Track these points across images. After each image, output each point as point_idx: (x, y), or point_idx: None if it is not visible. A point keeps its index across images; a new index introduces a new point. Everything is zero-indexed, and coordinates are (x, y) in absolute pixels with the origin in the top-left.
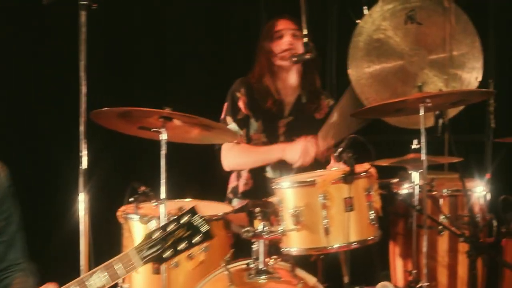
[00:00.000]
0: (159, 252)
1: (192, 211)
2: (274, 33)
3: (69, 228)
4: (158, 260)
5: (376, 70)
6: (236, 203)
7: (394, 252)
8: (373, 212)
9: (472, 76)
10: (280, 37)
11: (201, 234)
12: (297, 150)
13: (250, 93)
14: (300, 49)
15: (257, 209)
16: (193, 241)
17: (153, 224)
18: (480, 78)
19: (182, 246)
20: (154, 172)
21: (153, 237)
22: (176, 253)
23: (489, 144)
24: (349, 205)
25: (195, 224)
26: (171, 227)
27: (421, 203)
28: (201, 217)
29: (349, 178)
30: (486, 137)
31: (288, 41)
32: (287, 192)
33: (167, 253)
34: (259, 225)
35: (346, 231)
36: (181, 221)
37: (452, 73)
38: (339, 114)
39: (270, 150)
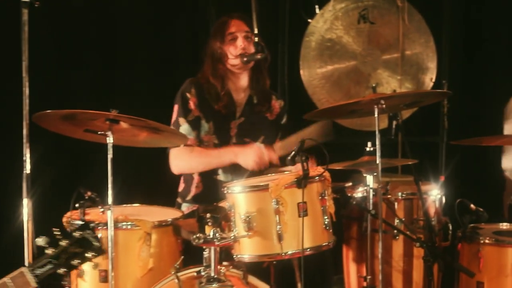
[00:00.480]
0: (52, 269)
1: (84, 226)
2: (226, 35)
3: (12, 235)
4: (52, 277)
5: (329, 70)
6: (186, 208)
7: (348, 256)
8: (327, 217)
9: (426, 76)
10: (232, 40)
11: (93, 250)
12: (250, 155)
13: (201, 93)
14: (251, 50)
15: (208, 215)
16: (85, 256)
17: (41, 241)
18: (434, 79)
19: (75, 262)
20: (100, 177)
21: (45, 255)
22: (70, 269)
23: (443, 146)
24: (302, 210)
25: (87, 239)
26: (63, 243)
27: (376, 207)
28: (93, 232)
29: (302, 182)
30: (440, 138)
31: (241, 46)
32: (238, 197)
33: (61, 270)
34: (210, 231)
35: (300, 237)
36: (74, 237)
37: (406, 73)
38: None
39: (222, 153)
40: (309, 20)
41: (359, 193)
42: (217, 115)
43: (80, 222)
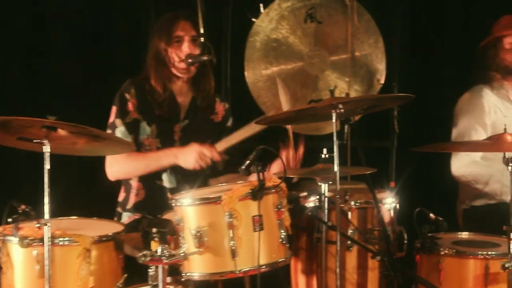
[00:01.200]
0: None
1: None
2: (172, 37)
3: None
4: None
5: (274, 72)
6: (127, 217)
7: (296, 268)
8: (284, 230)
9: (375, 78)
10: (178, 42)
11: None
12: (190, 154)
13: (142, 95)
14: (196, 52)
15: (154, 230)
16: None
17: None
18: (382, 81)
19: None
20: (36, 188)
21: None
22: None
23: (393, 150)
24: (258, 224)
25: None
26: None
27: (330, 216)
28: None
29: (258, 194)
30: (390, 143)
31: (186, 51)
32: (188, 210)
33: None
34: (157, 248)
35: (255, 253)
36: None
37: (355, 75)
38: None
39: (161, 155)
40: (254, 20)
41: (311, 202)
42: (160, 118)
43: None
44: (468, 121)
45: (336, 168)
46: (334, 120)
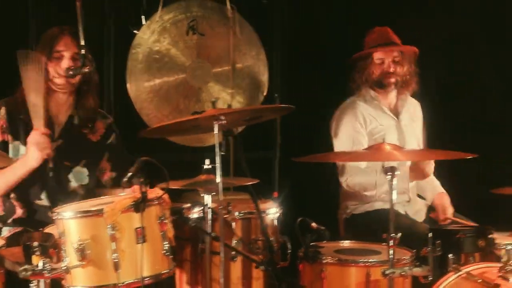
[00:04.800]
0: None
1: None
2: (53, 51)
3: None
4: None
5: (157, 84)
6: (7, 231)
7: (181, 280)
8: (167, 242)
9: (257, 89)
10: (58, 58)
11: None
12: (32, 150)
13: (14, 115)
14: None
15: (35, 243)
16: None
17: None
18: (265, 92)
19: None
20: None
21: None
22: None
23: (276, 161)
24: (141, 236)
25: None
26: None
27: (213, 227)
28: None
29: (140, 206)
30: (273, 154)
31: (65, 67)
32: (70, 223)
33: None
34: (39, 262)
35: (138, 265)
36: None
37: (238, 87)
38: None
39: (13, 167)
40: (136, 32)
41: (195, 214)
42: None
43: None
44: (346, 132)
45: (218, 179)
46: (216, 132)
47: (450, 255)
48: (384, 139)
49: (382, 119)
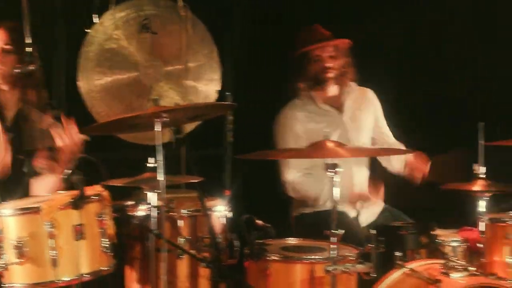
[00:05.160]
0: None
1: None
2: None
3: None
4: None
5: (108, 82)
6: None
7: (131, 278)
8: (106, 239)
9: (209, 88)
10: None
11: None
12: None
13: None
14: (7, 64)
15: None
16: None
17: None
18: (217, 91)
19: None
20: None
21: None
22: None
23: (228, 159)
24: (79, 233)
25: None
26: None
27: (159, 225)
28: None
29: (78, 203)
30: (224, 152)
31: None
32: (8, 220)
33: None
34: None
35: (77, 262)
36: None
37: (189, 85)
38: None
39: None
40: (88, 30)
41: (141, 211)
42: None
43: None
44: (286, 135)
45: (161, 176)
46: (158, 129)
47: (396, 252)
48: (326, 137)
49: (322, 117)
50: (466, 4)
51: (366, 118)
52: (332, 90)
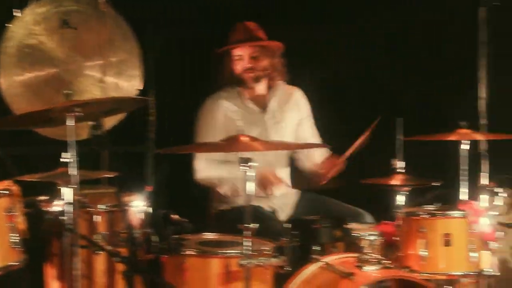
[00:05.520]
0: None
1: None
2: None
3: None
4: None
5: (29, 78)
6: None
7: (50, 274)
8: (16, 234)
9: (131, 84)
10: None
11: None
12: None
13: None
14: None
15: None
16: None
17: None
18: (140, 87)
19: None
20: None
21: None
22: None
23: (149, 155)
24: None
25: None
26: None
27: (74, 221)
28: None
29: None
30: (146, 148)
31: None
32: None
33: None
34: None
35: None
36: None
37: (110, 81)
38: None
39: None
40: (8, 25)
41: (56, 207)
42: None
43: None
44: (209, 127)
45: (74, 171)
46: (70, 124)
47: (314, 246)
48: (241, 131)
49: (244, 115)
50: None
51: (290, 118)
52: (260, 89)
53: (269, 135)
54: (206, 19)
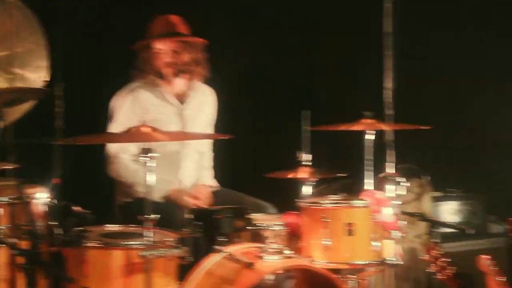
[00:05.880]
0: None
1: None
2: None
3: None
4: None
5: None
6: None
7: None
8: None
9: (37, 76)
10: None
11: None
12: None
13: None
14: None
15: None
16: None
17: None
18: (47, 78)
19: None
20: None
21: None
22: None
23: (57, 147)
24: None
25: None
26: None
27: None
28: None
29: None
30: (50, 139)
31: None
32: None
33: None
34: None
35: None
36: None
37: (16, 72)
38: None
39: None
40: None
41: None
42: None
43: None
44: (121, 119)
45: None
46: None
47: (219, 237)
48: (143, 122)
49: (163, 107)
50: None
51: (204, 117)
52: (179, 83)
53: (188, 130)
54: (119, 10)
